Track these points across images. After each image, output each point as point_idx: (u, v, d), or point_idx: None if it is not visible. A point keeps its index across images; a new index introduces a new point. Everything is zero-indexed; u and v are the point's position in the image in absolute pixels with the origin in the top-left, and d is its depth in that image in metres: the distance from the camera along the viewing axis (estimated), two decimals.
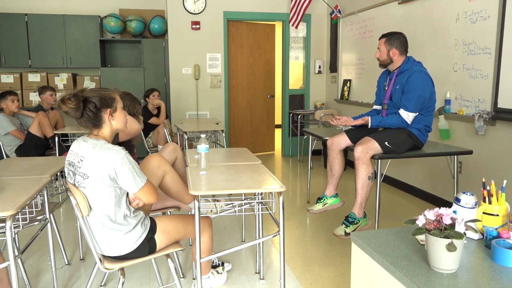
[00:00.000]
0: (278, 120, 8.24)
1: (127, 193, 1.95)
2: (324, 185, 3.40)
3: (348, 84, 5.98)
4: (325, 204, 3.27)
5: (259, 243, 2.73)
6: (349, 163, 5.69)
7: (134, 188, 1.88)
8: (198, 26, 6.22)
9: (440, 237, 1.21)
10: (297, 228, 3.63)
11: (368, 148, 2.91)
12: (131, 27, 6.35)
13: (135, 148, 3.43)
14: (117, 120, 1.98)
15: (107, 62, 6.62)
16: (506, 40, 3.27)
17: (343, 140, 3.22)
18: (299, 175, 5.65)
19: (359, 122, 3.12)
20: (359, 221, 2.95)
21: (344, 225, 2.95)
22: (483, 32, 3.51)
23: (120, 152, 1.85)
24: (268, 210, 2.37)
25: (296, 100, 6.82)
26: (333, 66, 6.48)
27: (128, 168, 1.85)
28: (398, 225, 3.54)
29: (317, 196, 3.57)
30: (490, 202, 1.49)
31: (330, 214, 3.93)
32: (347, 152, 3.70)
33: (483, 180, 1.54)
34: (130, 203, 1.97)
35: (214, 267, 2.65)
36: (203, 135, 2.51)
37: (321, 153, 6.55)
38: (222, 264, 2.74)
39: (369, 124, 3.05)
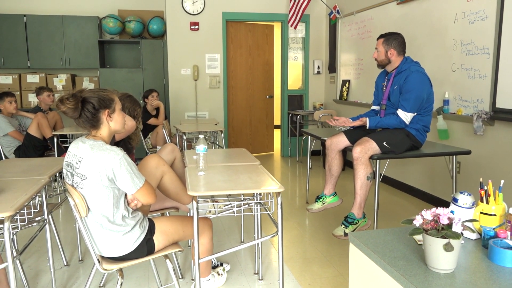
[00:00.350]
0: (277, 120, 8.24)
1: (126, 194, 1.95)
2: (323, 186, 3.40)
3: (347, 85, 5.99)
4: (324, 203, 3.28)
5: (258, 244, 2.73)
6: (348, 163, 5.70)
7: (132, 189, 1.88)
8: (197, 27, 6.23)
9: (437, 237, 1.22)
10: (296, 228, 3.63)
11: (366, 148, 2.91)
12: (130, 28, 6.35)
13: (134, 149, 3.42)
14: (115, 121, 1.98)
15: (106, 63, 6.62)
16: (504, 40, 3.28)
17: (342, 141, 3.23)
18: (298, 175, 5.65)
19: (357, 123, 3.13)
20: (358, 221, 2.96)
21: (343, 226, 2.95)
22: (481, 32, 3.52)
23: (118, 153, 1.86)
24: (267, 211, 2.37)
25: (295, 101, 6.82)
26: (332, 67, 6.48)
27: (126, 169, 1.85)
28: (397, 225, 3.54)
29: (316, 196, 3.58)
30: (487, 202, 1.50)
31: (329, 214, 3.93)
32: (346, 153, 3.71)
33: (481, 180, 1.55)
34: (128, 204, 1.97)
35: (213, 267, 2.65)
36: (201, 136, 2.52)
37: (320, 154, 6.56)
38: (221, 264, 2.74)
39: (367, 125, 3.06)
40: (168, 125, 5.45)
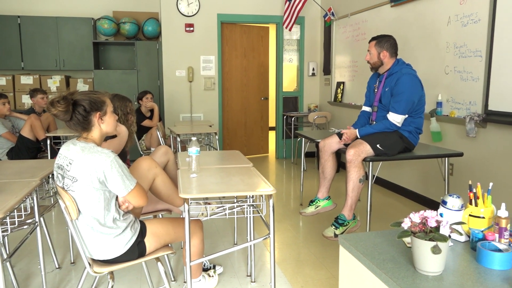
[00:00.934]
0: (272, 122, 8.25)
1: (117, 196, 1.95)
2: (317, 187, 3.41)
3: (341, 87, 6.01)
4: (317, 207, 3.28)
5: (250, 246, 2.73)
6: (342, 165, 5.71)
7: (124, 191, 1.88)
8: (192, 29, 6.23)
9: (425, 240, 1.22)
10: (289, 230, 3.63)
11: (360, 151, 2.92)
12: (125, 29, 6.34)
13: (128, 154, 3.41)
14: (106, 124, 1.99)
15: (100, 65, 6.61)
16: (496, 43, 3.30)
17: (335, 143, 3.23)
18: (292, 177, 5.65)
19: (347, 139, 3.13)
20: (348, 223, 2.97)
21: (333, 227, 2.96)
22: (474, 35, 3.54)
23: (109, 155, 1.85)
24: (259, 213, 2.37)
25: (290, 103, 6.83)
26: (327, 69, 6.50)
27: (117, 171, 1.85)
28: (389, 228, 3.55)
29: (310, 198, 3.59)
30: (476, 205, 1.50)
31: (323, 216, 3.93)
32: (339, 154, 3.72)
33: (470, 182, 1.56)
34: (119, 206, 1.97)
35: (205, 270, 2.65)
36: (194, 138, 2.51)
37: (315, 155, 6.57)
38: (214, 267, 2.74)
39: (358, 136, 3.08)
40: (163, 127, 5.44)
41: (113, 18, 6.36)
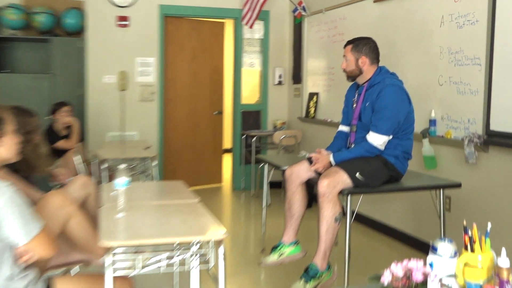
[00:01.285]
0: (227, 143, 8.25)
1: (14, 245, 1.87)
2: (284, 227, 3.41)
3: (314, 99, 6.12)
4: (281, 255, 3.27)
5: None
6: (315, 198, 5.76)
7: (24, 238, 1.81)
8: (126, 23, 6.21)
9: None
10: (247, 286, 3.60)
11: (335, 181, 2.96)
12: (38, 21, 6.24)
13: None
14: (6, 148, 1.95)
15: (4, 66, 6.43)
16: (497, 49, 3.45)
17: (305, 170, 3.26)
18: (253, 214, 5.65)
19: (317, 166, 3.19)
20: (322, 274, 2.98)
21: (303, 280, 2.95)
22: (471, 39, 3.69)
23: (5, 190, 1.79)
24: (207, 263, 2.34)
25: (250, 118, 6.88)
26: (297, 76, 6.61)
27: (15, 211, 1.78)
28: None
29: (275, 241, 3.57)
30: (472, 250, 1.54)
31: (290, 266, 3.92)
32: (312, 185, 3.76)
33: (464, 223, 1.60)
34: (18, 259, 1.89)
35: None
36: (122, 166, 2.48)
37: (281, 186, 6.61)
38: None
39: (332, 162, 3.13)
40: (84, 150, 5.32)
41: (23, 7, 6.24)
